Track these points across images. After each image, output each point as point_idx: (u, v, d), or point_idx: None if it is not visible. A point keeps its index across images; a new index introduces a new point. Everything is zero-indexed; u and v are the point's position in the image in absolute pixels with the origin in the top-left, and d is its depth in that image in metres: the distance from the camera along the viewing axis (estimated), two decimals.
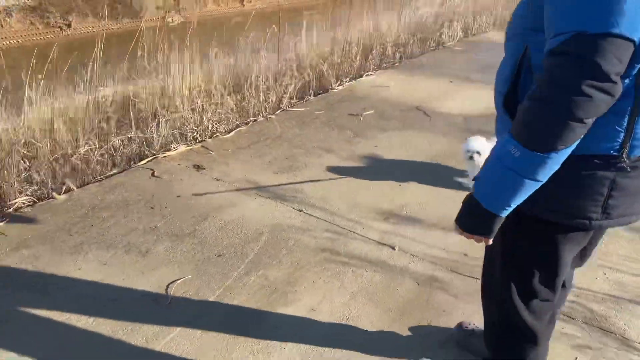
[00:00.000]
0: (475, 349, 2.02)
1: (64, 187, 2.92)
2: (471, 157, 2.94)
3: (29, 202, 2.80)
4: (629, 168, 1.19)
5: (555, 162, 1.12)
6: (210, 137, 3.71)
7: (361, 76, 5.19)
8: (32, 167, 2.98)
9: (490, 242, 1.28)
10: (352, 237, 2.68)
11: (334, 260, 2.50)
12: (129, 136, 3.36)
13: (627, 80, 1.10)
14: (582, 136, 1.09)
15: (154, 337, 2.01)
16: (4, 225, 2.61)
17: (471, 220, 1.28)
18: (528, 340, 1.47)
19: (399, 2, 6.91)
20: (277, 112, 4.23)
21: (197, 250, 2.53)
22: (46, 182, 2.92)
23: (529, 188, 1.16)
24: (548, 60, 1.09)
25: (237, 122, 3.95)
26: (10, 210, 2.69)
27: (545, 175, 1.14)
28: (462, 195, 1.27)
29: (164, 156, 3.40)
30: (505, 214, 1.22)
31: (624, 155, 1.18)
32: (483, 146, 2.95)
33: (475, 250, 2.62)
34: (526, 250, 1.38)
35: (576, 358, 2.00)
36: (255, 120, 4.05)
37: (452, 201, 3.05)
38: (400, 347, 2.02)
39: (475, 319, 2.08)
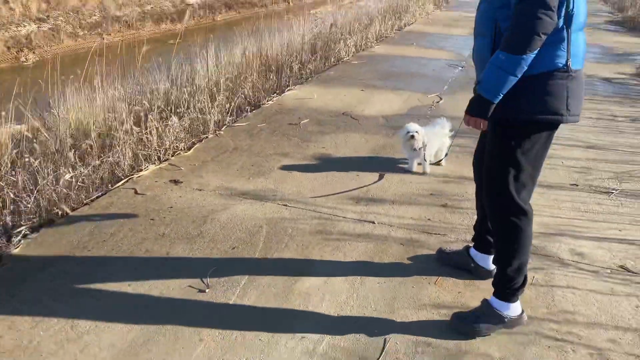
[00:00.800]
0: (455, 262, 2.68)
1: (59, 212, 3.04)
2: (412, 137, 3.61)
3: (31, 229, 2.89)
4: (573, 75, 1.92)
5: (525, 62, 1.83)
6: (173, 155, 3.97)
7: (284, 91, 5.70)
8: (19, 198, 3.06)
9: (486, 125, 1.98)
10: (337, 220, 3.17)
11: (330, 238, 2.97)
12: (102, 160, 3.52)
13: (561, 20, 1.84)
14: (539, 49, 1.82)
15: (213, 312, 2.33)
16: (19, 250, 2.71)
17: (476, 107, 1.97)
18: (524, 216, 2.11)
19: (297, 25, 7.54)
20: (223, 128, 4.58)
21: (212, 246, 2.84)
22: (37, 210, 3.01)
23: (510, 82, 1.87)
24: (516, 8, 1.81)
25: (193, 140, 4.24)
26: (20, 237, 2.78)
27: (519, 72, 1.85)
28: (408, 176, 1.75)
29: (138, 176, 3.61)
30: (496, 100, 1.91)
31: (569, 67, 1.91)
32: (419, 128, 3.65)
33: (436, 215, 3.25)
34: (517, 151, 2.01)
35: (534, 276, 2.68)
36: (207, 137, 4.37)
37: (402, 182, 3.67)
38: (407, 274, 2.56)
39: None
